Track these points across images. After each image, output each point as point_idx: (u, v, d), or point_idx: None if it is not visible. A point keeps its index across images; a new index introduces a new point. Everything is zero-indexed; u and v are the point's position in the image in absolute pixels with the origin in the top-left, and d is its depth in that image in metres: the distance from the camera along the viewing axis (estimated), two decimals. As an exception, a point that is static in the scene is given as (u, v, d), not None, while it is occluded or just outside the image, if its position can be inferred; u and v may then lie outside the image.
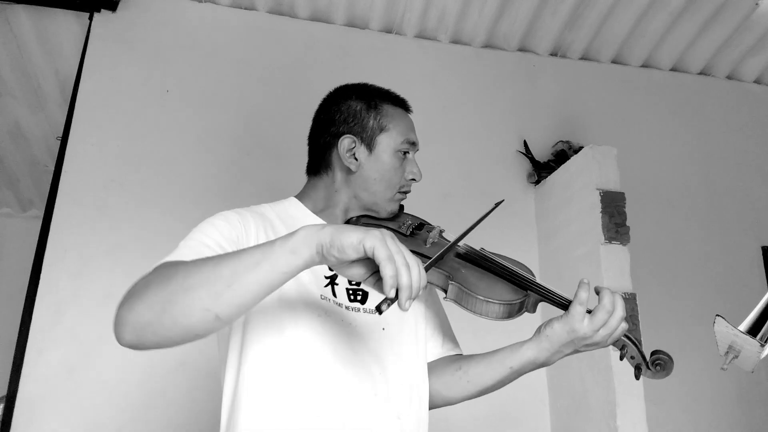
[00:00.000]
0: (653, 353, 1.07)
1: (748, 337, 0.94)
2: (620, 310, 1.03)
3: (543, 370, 2.49)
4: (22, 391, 2.05)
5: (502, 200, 1.21)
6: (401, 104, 1.26)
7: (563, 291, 1.08)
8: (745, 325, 0.96)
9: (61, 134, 2.42)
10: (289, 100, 2.60)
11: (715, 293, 2.81)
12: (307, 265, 0.80)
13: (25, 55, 2.84)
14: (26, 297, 2.16)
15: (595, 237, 2.29)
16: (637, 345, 1.07)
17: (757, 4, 2.82)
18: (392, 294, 0.76)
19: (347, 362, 1.05)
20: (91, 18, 2.54)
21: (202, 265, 0.83)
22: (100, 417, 2.09)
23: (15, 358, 2.08)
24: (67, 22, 2.66)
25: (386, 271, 0.75)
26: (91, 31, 2.53)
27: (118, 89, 2.48)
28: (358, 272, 0.81)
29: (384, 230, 0.80)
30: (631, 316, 2.17)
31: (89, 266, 2.23)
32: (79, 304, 2.17)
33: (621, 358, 1.09)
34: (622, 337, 1.07)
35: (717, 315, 0.96)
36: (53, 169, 2.35)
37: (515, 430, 2.43)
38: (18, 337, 2.11)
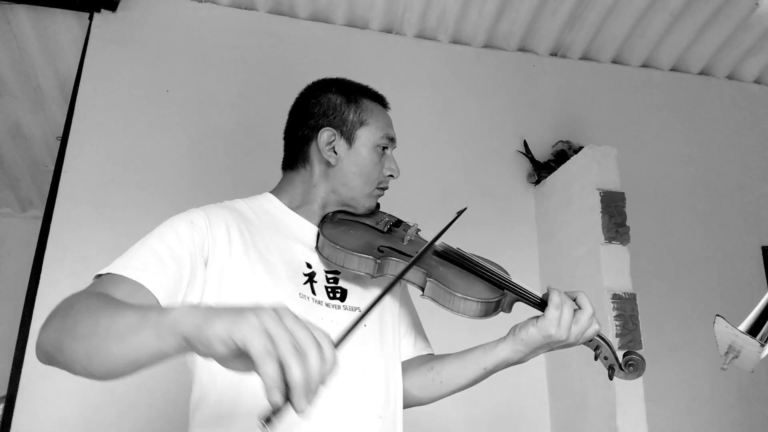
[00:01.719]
0: (625, 354, 1.09)
1: (748, 337, 0.94)
2: (590, 308, 1.04)
3: (543, 370, 2.49)
4: (22, 391, 2.05)
5: (465, 208, 1.19)
6: (380, 100, 1.24)
7: (540, 292, 1.09)
8: (745, 325, 0.96)
9: (61, 134, 2.42)
10: (289, 100, 2.59)
11: (715, 293, 2.81)
12: (179, 353, 0.66)
13: (25, 55, 2.84)
14: (26, 297, 2.16)
15: (595, 237, 2.29)
16: (611, 346, 1.09)
17: (757, 4, 2.82)
18: (275, 400, 0.56)
19: None
20: (91, 18, 2.54)
21: (88, 315, 0.77)
22: (99, 417, 2.09)
23: (15, 358, 2.08)
24: (67, 22, 2.66)
25: (264, 370, 0.56)
26: (91, 31, 2.53)
27: (118, 89, 2.48)
28: (239, 366, 0.62)
29: (269, 309, 0.61)
30: (631, 316, 2.17)
31: (89, 266, 2.22)
32: (79, 304, 2.17)
33: (595, 359, 1.10)
34: (596, 338, 1.08)
35: (717, 315, 0.96)
36: (53, 169, 2.35)
37: (515, 430, 2.43)
38: (18, 337, 2.11)
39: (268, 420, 0.56)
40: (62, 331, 0.78)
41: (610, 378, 1.09)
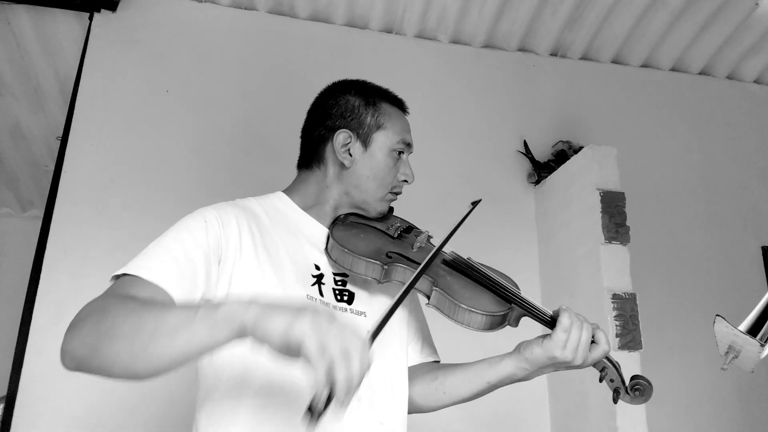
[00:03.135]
0: (633, 378, 1.06)
1: (748, 337, 0.94)
2: (606, 346, 1.03)
3: (543, 370, 2.49)
4: (22, 391, 2.05)
5: (479, 200, 1.17)
6: (399, 104, 1.24)
7: (546, 306, 1.07)
8: (745, 325, 0.96)
9: (61, 134, 2.42)
10: (289, 100, 2.60)
11: (715, 293, 2.81)
12: (229, 341, 0.74)
13: (25, 55, 2.84)
14: (26, 297, 2.16)
15: (595, 237, 2.29)
16: (617, 368, 1.06)
17: (757, 4, 2.82)
18: (322, 397, 0.66)
19: None
20: (91, 18, 2.54)
21: (129, 316, 0.80)
22: (99, 416, 2.09)
23: (15, 358, 2.08)
24: (67, 22, 2.66)
25: (317, 370, 0.66)
26: (91, 31, 2.53)
27: (118, 89, 2.48)
28: (287, 358, 0.71)
29: (319, 310, 0.71)
30: (631, 316, 2.17)
31: (89, 266, 2.23)
32: (79, 304, 2.15)
33: (600, 380, 1.07)
34: (603, 359, 1.06)
35: (717, 315, 0.96)
36: (53, 169, 2.35)
37: (515, 430, 2.43)
38: (18, 337, 2.11)
39: (312, 412, 0.65)
40: (99, 333, 0.81)
41: (614, 401, 1.05)
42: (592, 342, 1.04)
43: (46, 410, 2.05)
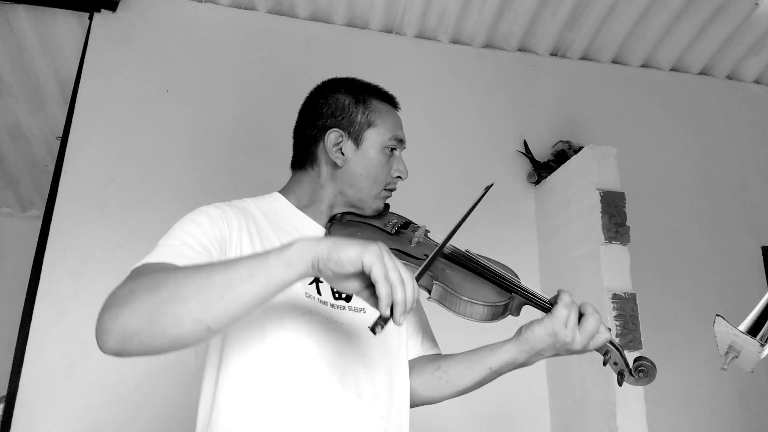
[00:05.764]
0: (636, 360, 1.07)
1: (748, 337, 0.94)
2: (595, 314, 1.04)
3: (543, 370, 2.49)
4: (22, 391, 2.05)
5: (491, 184, 1.17)
6: (389, 100, 1.24)
7: (550, 294, 1.08)
8: (745, 325, 0.96)
9: (61, 134, 2.42)
10: (289, 100, 2.59)
11: (715, 293, 2.81)
12: (302, 278, 0.79)
13: (25, 55, 2.84)
14: (26, 297, 2.16)
15: (595, 237, 2.29)
16: (621, 351, 1.07)
17: (757, 4, 2.82)
18: (387, 313, 0.77)
19: (332, 363, 1.04)
20: (91, 18, 2.54)
21: (194, 274, 0.81)
22: (99, 417, 2.09)
23: (15, 358, 2.08)
24: (67, 22, 2.66)
25: (382, 290, 0.76)
26: (91, 31, 2.53)
27: (118, 89, 2.48)
28: (354, 286, 0.80)
29: (381, 244, 0.79)
30: (631, 316, 2.17)
31: (89, 266, 2.23)
32: (79, 304, 2.17)
33: (604, 364, 1.08)
34: (606, 343, 1.07)
35: (717, 315, 0.96)
36: (53, 169, 2.35)
37: (515, 430, 2.43)
38: (18, 337, 2.11)
39: (374, 330, 0.77)
40: (158, 300, 0.79)
41: (620, 384, 1.07)
42: (582, 316, 1.05)
43: (46, 410, 2.05)
